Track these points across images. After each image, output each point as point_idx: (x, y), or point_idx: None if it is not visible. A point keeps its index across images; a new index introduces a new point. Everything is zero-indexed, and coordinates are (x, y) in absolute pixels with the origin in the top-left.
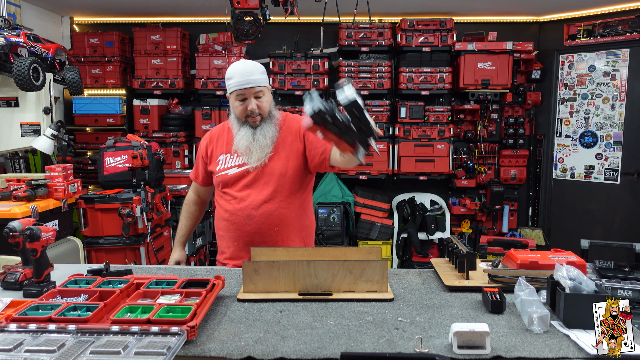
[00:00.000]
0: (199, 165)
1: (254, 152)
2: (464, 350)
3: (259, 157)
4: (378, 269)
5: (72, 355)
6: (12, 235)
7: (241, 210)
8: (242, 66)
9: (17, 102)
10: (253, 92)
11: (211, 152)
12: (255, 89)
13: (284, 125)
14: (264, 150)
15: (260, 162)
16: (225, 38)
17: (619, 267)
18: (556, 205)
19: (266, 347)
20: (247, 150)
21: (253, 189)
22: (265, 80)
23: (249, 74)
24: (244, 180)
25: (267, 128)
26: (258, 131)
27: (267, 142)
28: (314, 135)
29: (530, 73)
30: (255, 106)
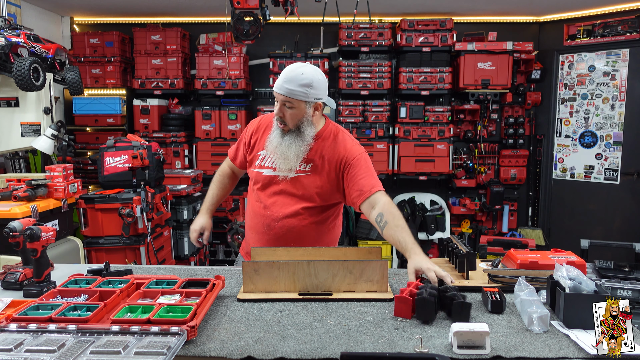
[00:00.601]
0: (240, 148)
1: (279, 160)
2: (464, 350)
3: (283, 167)
4: (378, 269)
5: (72, 355)
6: (13, 235)
7: (263, 217)
8: (289, 70)
9: (17, 102)
10: (281, 99)
11: (255, 142)
12: (283, 97)
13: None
14: (287, 162)
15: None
16: (225, 38)
17: (619, 267)
18: (556, 205)
19: (266, 347)
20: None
21: (279, 199)
22: (301, 94)
23: (288, 81)
24: (273, 187)
25: (293, 141)
26: (284, 140)
27: (289, 155)
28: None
29: (530, 73)
30: (280, 113)
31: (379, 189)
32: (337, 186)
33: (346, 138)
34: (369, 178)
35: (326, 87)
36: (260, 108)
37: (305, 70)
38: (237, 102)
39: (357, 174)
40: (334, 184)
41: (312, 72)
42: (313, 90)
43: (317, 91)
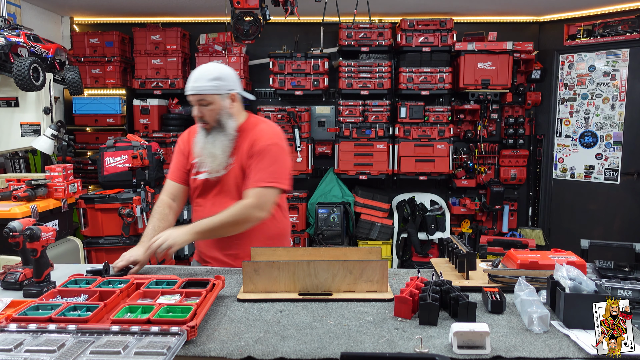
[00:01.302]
0: (177, 162)
1: (207, 160)
2: (464, 350)
3: (211, 167)
4: (378, 269)
5: (72, 355)
6: (12, 235)
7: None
8: (196, 71)
9: (17, 102)
10: (196, 100)
11: (189, 151)
12: (197, 96)
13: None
14: (216, 160)
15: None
16: (225, 38)
17: (619, 267)
18: (556, 205)
19: (266, 347)
20: (201, 156)
21: (217, 199)
22: (213, 88)
23: (194, 80)
24: (210, 190)
25: (216, 137)
26: (209, 138)
27: (215, 151)
28: (256, 163)
29: (530, 73)
30: (198, 113)
31: (261, 185)
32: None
33: (264, 128)
34: (262, 171)
35: (237, 80)
36: (260, 108)
37: (210, 67)
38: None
39: (256, 164)
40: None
41: (218, 67)
42: (223, 82)
43: (228, 82)
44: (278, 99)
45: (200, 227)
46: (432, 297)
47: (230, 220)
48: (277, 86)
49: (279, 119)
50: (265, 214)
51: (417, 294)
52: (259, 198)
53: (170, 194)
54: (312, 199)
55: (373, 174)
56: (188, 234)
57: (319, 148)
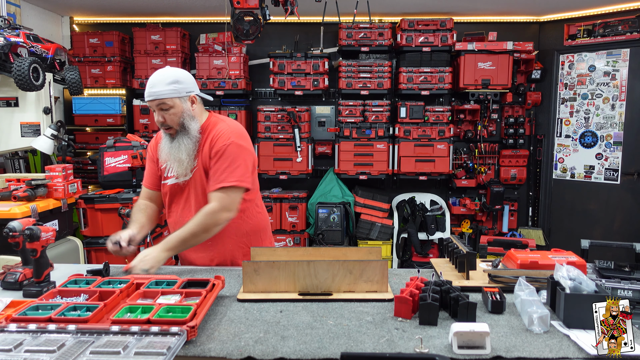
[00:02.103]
0: (149, 169)
1: (174, 165)
2: (464, 350)
3: (178, 172)
4: (378, 269)
5: (72, 355)
6: (12, 235)
7: (178, 224)
8: (152, 77)
9: (17, 102)
10: (156, 105)
11: (158, 156)
12: (156, 101)
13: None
14: (182, 164)
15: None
16: (225, 38)
17: (619, 267)
18: (556, 205)
19: (266, 347)
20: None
21: (182, 203)
22: (171, 92)
23: (152, 85)
24: (179, 193)
25: (181, 141)
26: (174, 143)
27: (181, 156)
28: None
29: (530, 73)
30: (160, 118)
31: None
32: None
33: (221, 127)
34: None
35: (194, 81)
36: (260, 108)
37: (166, 71)
38: (237, 102)
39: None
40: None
41: (174, 70)
42: (181, 85)
43: (186, 85)
44: (278, 99)
45: (172, 242)
46: (432, 297)
47: (199, 228)
48: (277, 86)
49: (279, 119)
50: (233, 214)
51: (417, 294)
52: (222, 200)
53: (145, 198)
54: (312, 199)
55: (373, 174)
56: (162, 252)
57: (319, 148)
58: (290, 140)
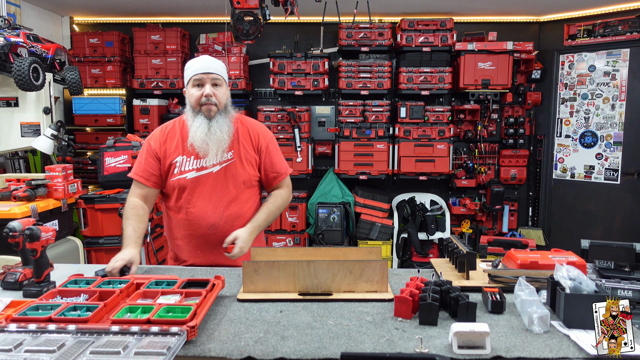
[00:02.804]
0: (148, 164)
1: (212, 147)
2: (464, 350)
3: (216, 151)
4: (378, 269)
5: (72, 355)
6: (12, 235)
7: (203, 220)
8: (204, 57)
9: (17, 102)
10: (211, 78)
11: (165, 151)
12: (213, 75)
13: (240, 127)
14: (222, 145)
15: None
16: (225, 38)
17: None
18: (556, 205)
19: (266, 347)
20: (203, 144)
21: (212, 195)
22: (225, 74)
23: (208, 61)
24: (203, 186)
25: (222, 121)
26: (214, 123)
27: (223, 136)
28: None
29: (530, 73)
30: (211, 91)
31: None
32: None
33: (253, 122)
34: (280, 162)
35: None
36: (260, 108)
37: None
38: (237, 102)
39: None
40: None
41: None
42: (226, 74)
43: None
44: (278, 99)
45: (259, 221)
46: (432, 297)
47: (279, 209)
48: (277, 86)
49: (279, 119)
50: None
51: (417, 294)
52: (289, 186)
53: (140, 196)
54: (312, 199)
55: (373, 174)
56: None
57: (319, 148)
58: (290, 140)
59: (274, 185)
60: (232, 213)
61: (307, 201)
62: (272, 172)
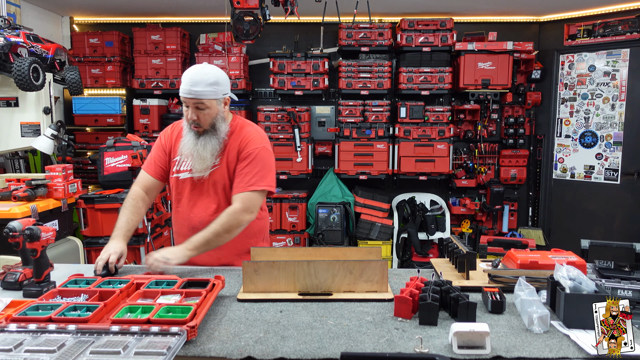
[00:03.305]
0: (156, 156)
1: (196, 162)
2: (464, 350)
3: (199, 168)
4: (378, 269)
5: (72, 355)
6: (12, 235)
7: (187, 221)
8: (192, 73)
9: (17, 102)
10: (193, 103)
11: (171, 147)
12: (194, 100)
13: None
14: (204, 162)
15: (207, 171)
16: (225, 38)
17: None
18: (556, 205)
19: (266, 347)
20: (189, 157)
21: (199, 199)
22: (211, 93)
23: (194, 84)
24: (191, 189)
25: (208, 140)
26: (200, 141)
27: (206, 154)
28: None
29: (530, 73)
30: (194, 117)
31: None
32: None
33: (251, 131)
34: (250, 175)
35: (229, 83)
36: (260, 108)
37: (207, 70)
38: (237, 102)
39: (245, 168)
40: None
41: (215, 70)
42: (220, 87)
43: (223, 87)
44: (278, 99)
45: (196, 243)
46: (432, 297)
47: (223, 229)
48: (277, 86)
49: (279, 119)
50: (253, 216)
51: (417, 294)
52: (247, 202)
53: (143, 186)
54: (312, 199)
55: (373, 174)
56: (185, 252)
57: (319, 148)
58: (290, 140)
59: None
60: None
61: (307, 201)
62: (236, 178)
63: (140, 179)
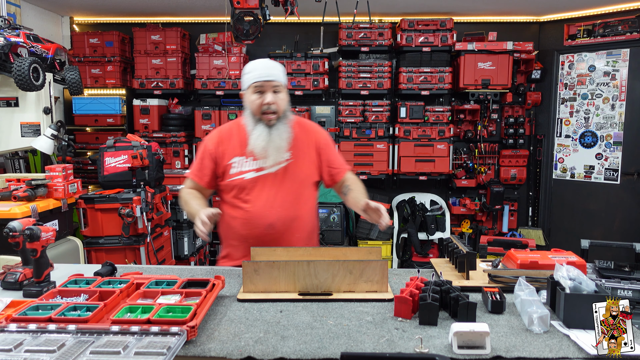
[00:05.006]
0: (204, 164)
1: (271, 154)
2: (464, 350)
3: (275, 159)
4: (378, 269)
5: (72, 355)
6: (12, 235)
7: (261, 218)
8: (263, 61)
9: (17, 102)
10: (272, 86)
11: (222, 152)
12: (274, 82)
13: (298, 129)
14: (281, 152)
15: (278, 166)
16: (225, 38)
17: (619, 267)
18: (556, 205)
19: (266, 347)
20: (263, 152)
21: (275, 194)
22: (284, 79)
23: (270, 68)
24: (262, 186)
25: (282, 128)
26: (274, 131)
27: (283, 143)
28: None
29: (530, 73)
30: (272, 99)
31: (348, 168)
32: (317, 167)
33: (310, 123)
34: (340, 158)
35: None
36: None
37: (272, 61)
38: (237, 102)
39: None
40: (314, 164)
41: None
42: (286, 78)
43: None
44: None
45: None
46: (432, 297)
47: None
48: None
49: None
50: None
51: (417, 294)
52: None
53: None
54: None
55: (373, 174)
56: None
57: None
58: None
59: (338, 180)
60: (290, 214)
61: None
62: (333, 168)
63: (188, 187)
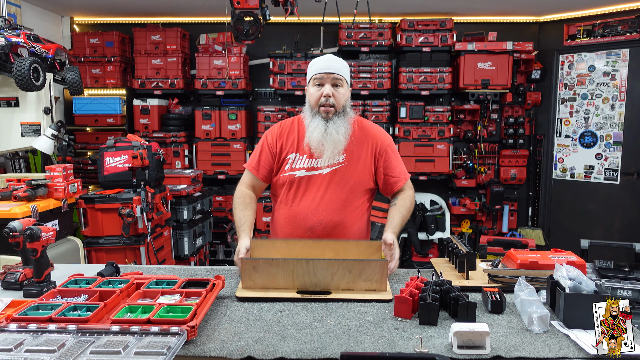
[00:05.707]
0: (262, 157)
1: (327, 148)
2: (464, 350)
3: (331, 153)
4: (377, 269)
5: (72, 355)
6: (12, 235)
7: (303, 220)
8: (326, 56)
9: (17, 102)
10: (332, 78)
11: (281, 146)
12: (334, 75)
13: (357, 130)
14: (337, 147)
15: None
16: (225, 38)
17: (619, 267)
18: (556, 205)
19: (266, 347)
20: (319, 145)
21: (321, 197)
22: (347, 74)
23: (332, 62)
24: (310, 187)
25: (340, 123)
26: (330, 124)
27: (339, 137)
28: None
29: (530, 73)
30: (330, 92)
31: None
32: (371, 173)
33: (372, 125)
34: (401, 165)
35: None
36: (260, 108)
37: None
38: (237, 102)
39: (393, 162)
40: (370, 171)
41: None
42: (349, 75)
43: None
44: (278, 99)
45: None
46: (432, 297)
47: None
48: (277, 86)
49: (279, 119)
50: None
51: (417, 294)
52: (411, 188)
53: (249, 185)
54: None
55: None
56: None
57: None
58: None
59: (395, 190)
60: (334, 220)
61: None
62: (391, 177)
63: (245, 180)
